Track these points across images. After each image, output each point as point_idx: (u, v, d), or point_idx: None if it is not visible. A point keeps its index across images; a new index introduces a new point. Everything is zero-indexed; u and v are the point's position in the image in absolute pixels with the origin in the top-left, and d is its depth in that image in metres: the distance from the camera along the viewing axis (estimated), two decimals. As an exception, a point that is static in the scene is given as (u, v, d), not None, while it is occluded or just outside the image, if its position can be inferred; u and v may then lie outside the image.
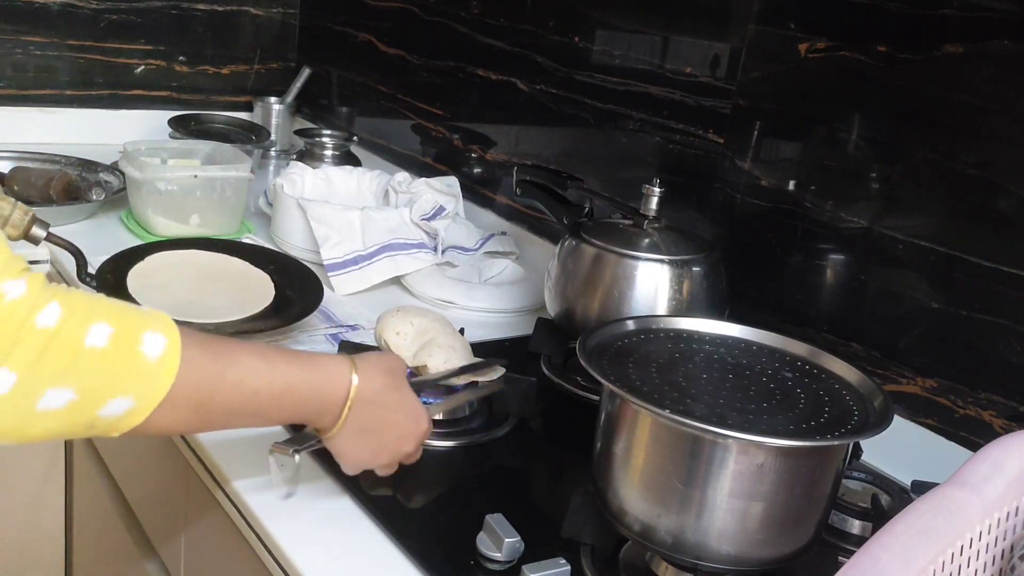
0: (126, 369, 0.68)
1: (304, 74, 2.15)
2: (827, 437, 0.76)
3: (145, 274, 1.26)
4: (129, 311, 0.70)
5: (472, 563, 0.85)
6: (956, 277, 1.05)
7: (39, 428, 0.66)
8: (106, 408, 0.68)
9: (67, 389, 0.65)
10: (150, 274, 1.27)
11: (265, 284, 1.31)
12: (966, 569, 0.65)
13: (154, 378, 0.69)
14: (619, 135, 1.46)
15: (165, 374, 0.70)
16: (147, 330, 0.69)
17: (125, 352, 0.68)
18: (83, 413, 0.67)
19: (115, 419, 0.69)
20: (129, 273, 1.25)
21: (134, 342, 0.68)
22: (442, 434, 1.06)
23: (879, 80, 1.11)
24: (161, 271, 1.28)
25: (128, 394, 0.68)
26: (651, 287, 1.14)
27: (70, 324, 0.65)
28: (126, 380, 0.68)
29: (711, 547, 0.78)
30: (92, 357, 0.66)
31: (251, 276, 1.33)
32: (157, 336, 0.70)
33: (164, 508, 1.21)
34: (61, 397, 0.65)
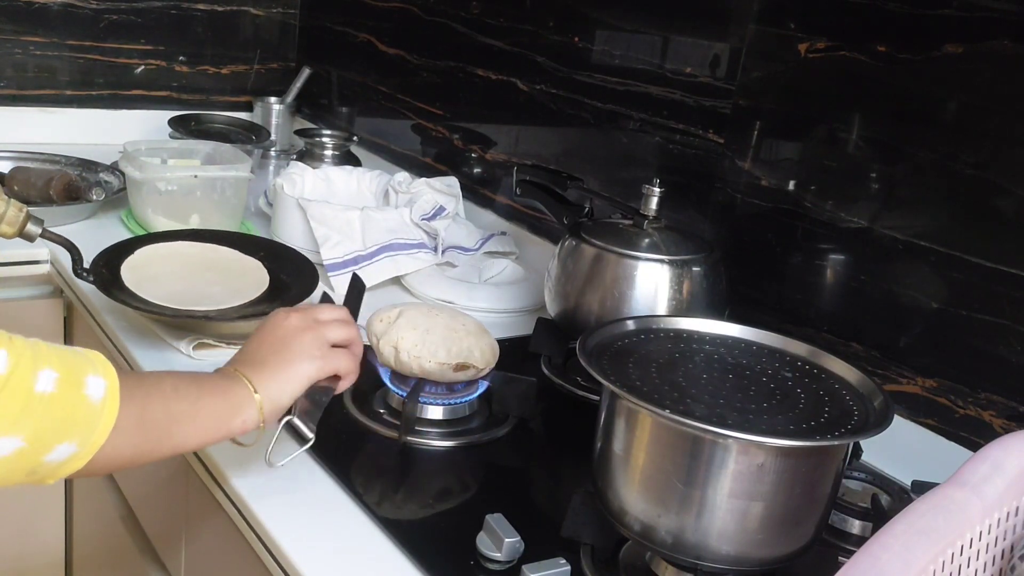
0: (72, 413, 0.68)
1: (304, 74, 2.15)
2: (827, 437, 0.76)
3: (138, 266, 1.26)
4: (69, 355, 0.70)
5: (472, 563, 0.85)
6: (956, 277, 1.05)
7: None
8: (52, 454, 0.68)
9: (16, 437, 0.65)
10: (143, 266, 1.27)
11: (258, 270, 1.32)
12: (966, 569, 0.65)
13: (97, 421, 0.69)
14: (619, 135, 1.46)
15: (107, 415, 0.70)
16: (89, 373, 0.70)
17: (71, 396, 0.68)
18: (29, 460, 0.67)
19: (57, 465, 0.69)
20: (122, 266, 1.25)
21: (79, 386, 0.68)
22: (442, 434, 1.06)
23: (879, 80, 1.11)
24: (154, 263, 1.29)
25: (73, 439, 0.68)
26: (651, 287, 1.14)
27: (19, 370, 0.65)
28: (72, 425, 0.68)
29: (711, 547, 0.78)
30: (42, 403, 0.66)
31: (243, 263, 1.33)
32: (98, 379, 0.70)
33: (164, 509, 1.21)
34: (9, 445, 0.65)
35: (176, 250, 1.34)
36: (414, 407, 1.04)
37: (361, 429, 1.06)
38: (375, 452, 1.04)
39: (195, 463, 1.02)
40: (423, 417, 1.07)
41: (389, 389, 1.09)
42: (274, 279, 1.30)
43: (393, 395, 1.09)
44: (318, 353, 0.88)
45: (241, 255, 1.35)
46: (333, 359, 0.90)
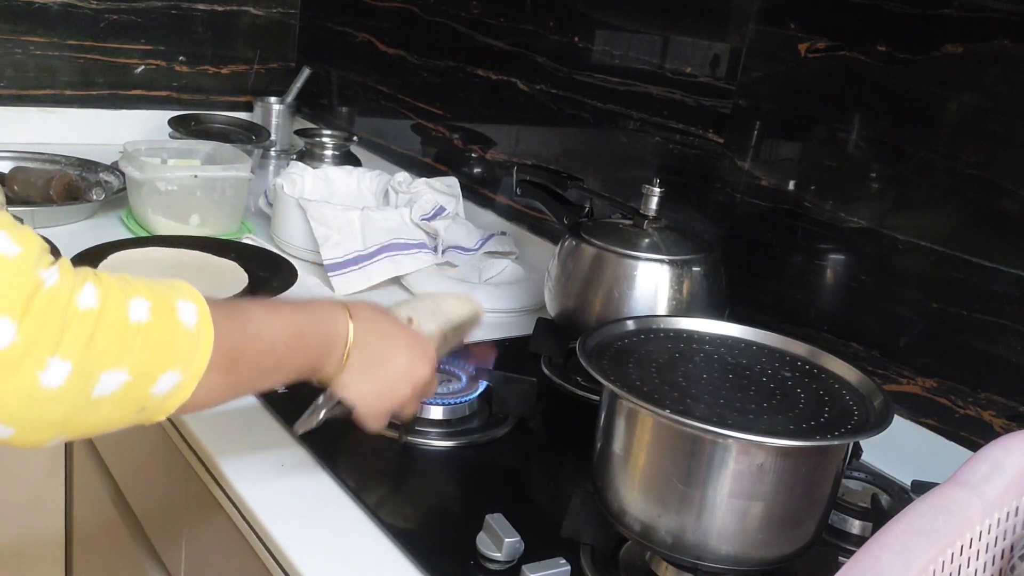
0: (171, 341, 0.66)
1: (304, 74, 2.15)
2: (827, 437, 0.76)
3: (116, 269, 1.27)
4: (156, 283, 0.69)
5: (472, 563, 0.85)
6: (956, 277, 1.05)
7: (93, 418, 0.64)
8: (157, 385, 0.66)
9: (120, 371, 0.64)
10: (120, 269, 1.27)
11: (234, 269, 1.33)
12: (966, 569, 0.65)
13: (196, 346, 0.68)
14: (619, 135, 1.46)
15: (204, 341, 0.69)
16: (179, 299, 0.68)
17: (166, 323, 0.66)
18: (136, 393, 0.65)
19: (165, 396, 0.67)
20: (99, 268, 1.26)
21: (172, 312, 0.67)
22: (442, 434, 1.06)
23: (879, 80, 1.11)
24: (129, 267, 1.29)
25: (176, 367, 0.67)
26: (651, 287, 1.14)
27: (111, 302, 0.63)
28: (172, 352, 0.67)
29: (711, 547, 0.78)
30: (139, 332, 0.64)
31: (216, 264, 1.34)
32: (189, 304, 0.69)
33: (164, 508, 1.21)
34: (115, 380, 0.63)
35: (149, 255, 1.35)
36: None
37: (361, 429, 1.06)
38: (375, 452, 1.03)
39: (195, 464, 1.02)
40: (423, 417, 1.07)
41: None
42: (252, 276, 1.31)
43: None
44: (405, 393, 0.88)
45: (214, 256, 1.36)
46: (407, 407, 0.90)
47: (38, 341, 0.59)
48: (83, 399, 0.62)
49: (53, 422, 0.62)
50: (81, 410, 0.63)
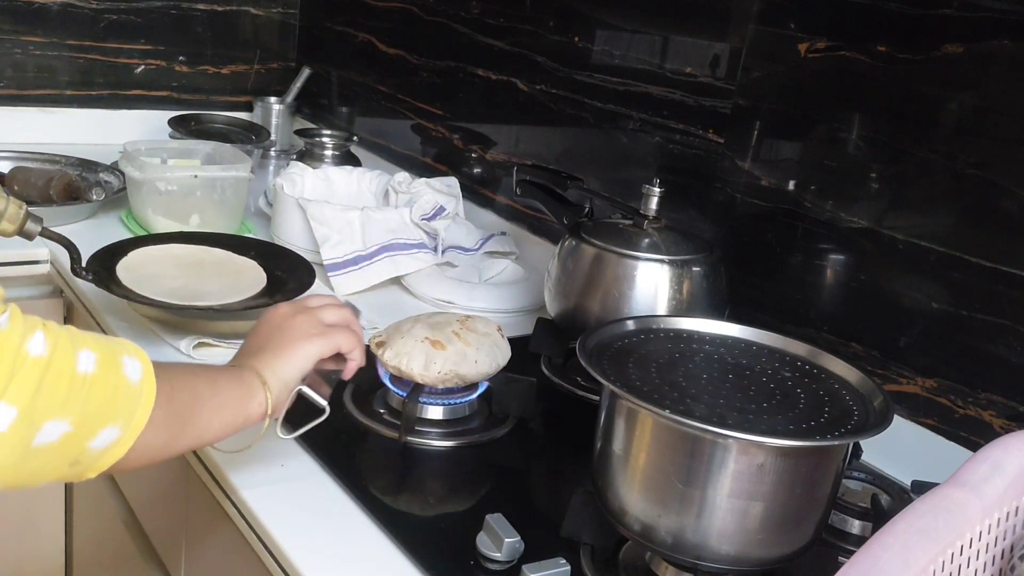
0: (114, 395, 0.67)
1: (304, 74, 2.15)
2: (827, 437, 0.76)
3: (133, 267, 1.27)
4: (101, 337, 0.69)
5: (472, 563, 0.85)
6: (956, 277, 1.05)
7: (27, 467, 0.63)
8: (96, 439, 0.66)
9: (64, 421, 0.63)
10: (138, 266, 1.27)
11: (253, 268, 1.33)
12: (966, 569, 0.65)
13: (138, 402, 0.68)
14: (619, 135, 1.46)
15: (147, 397, 0.69)
16: (124, 355, 0.69)
17: (112, 377, 0.67)
18: (74, 446, 0.65)
19: (101, 451, 0.67)
20: (117, 267, 1.25)
21: (117, 366, 0.68)
22: (442, 434, 1.06)
23: (879, 80, 1.11)
24: (148, 264, 1.29)
25: (116, 422, 0.67)
26: (651, 287, 1.14)
27: (60, 351, 0.63)
28: (115, 406, 0.67)
29: (711, 547, 0.78)
30: (85, 384, 0.65)
31: (237, 263, 1.34)
32: (133, 360, 0.70)
33: (165, 511, 1.21)
34: (57, 430, 0.63)
35: (169, 251, 1.34)
36: (414, 407, 1.04)
37: (361, 429, 1.06)
38: (375, 452, 1.04)
39: (196, 464, 1.02)
40: (423, 417, 1.07)
41: (389, 389, 1.09)
42: (270, 276, 1.31)
43: (393, 395, 1.09)
44: (315, 331, 0.88)
45: (234, 255, 1.35)
46: (333, 336, 0.89)
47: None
48: (23, 447, 0.62)
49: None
50: (19, 458, 0.62)
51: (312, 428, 0.90)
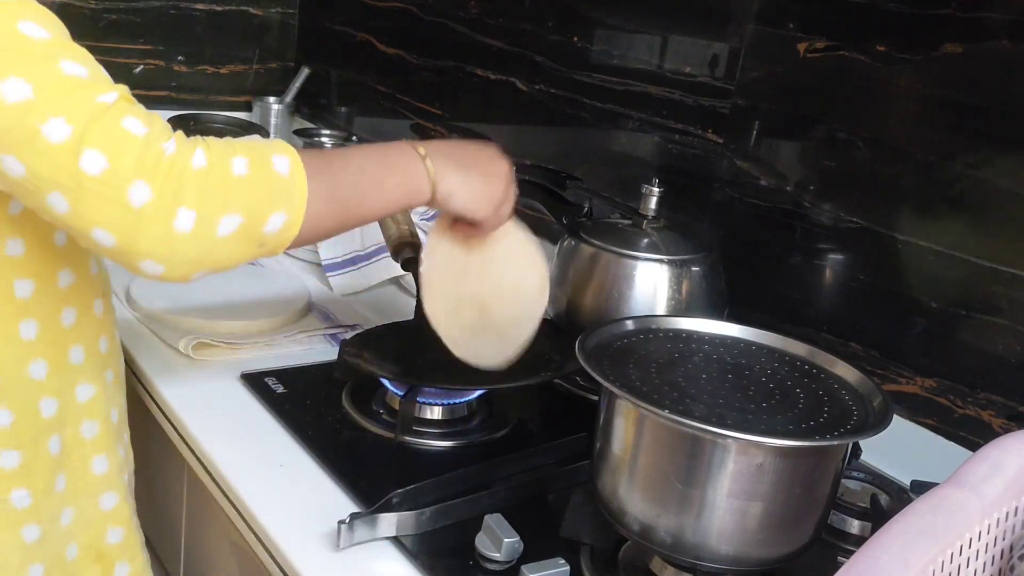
0: (269, 187, 0.79)
1: (303, 74, 2.15)
2: (826, 437, 0.76)
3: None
4: (253, 143, 0.82)
5: (471, 563, 0.85)
6: (956, 277, 1.05)
7: (223, 252, 0.78)
8: (268, 224, 0.79)
9: (235, 215, 0.77)
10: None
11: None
12: (965, 569, 0.65)
13: (292, 189, 0.80)
14: (618, 135, 1.46)
15: (299, 183, 0.80)
16: (273, 154, 0.80)
17: (263, 174, 0.79)
18: (253, 232, 0.78)
19: (278, 233, 0.80)
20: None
21: (268, 164, 0.79)
22: (442, 434, 1.06)
23: (879, 80, 1.11)
24: None
25: (280, 208, 0.79)
26: (650, 287, 1.14)
27: (217, 162, 0.77)
28: (274, 196, 0.79)
29: (710, 547, 0.78)
30: (242, 183, 0.77)
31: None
32: (282, 157, 0.80)
33: (163, 508, 1.21)
34: (232, 222, 0.77)
35: None
36: (411, 407, 1.04)
37: (360, 429, 1.06)
38: (374, 452, 1.04)
39: (195, 464, 1.02)
40: (422, 417, 1.07)
41: (388, 389, 1.09)
42: None
43: (392, 395, 1.09)
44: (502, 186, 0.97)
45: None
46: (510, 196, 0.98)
47: (167, 196, 0.74)
48: (210, 239, 0.76)
49: (191, 258, 0.77)
50: (211, 247, 0.77)
51: None
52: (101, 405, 0.96)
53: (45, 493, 0.91)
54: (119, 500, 0.99)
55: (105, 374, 0.96)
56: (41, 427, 0.90)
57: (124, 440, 1.02)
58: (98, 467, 0.96)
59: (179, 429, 1.05)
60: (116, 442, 0.99)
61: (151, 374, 1.12)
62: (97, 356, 0.95)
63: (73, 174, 0.73)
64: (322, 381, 1.13)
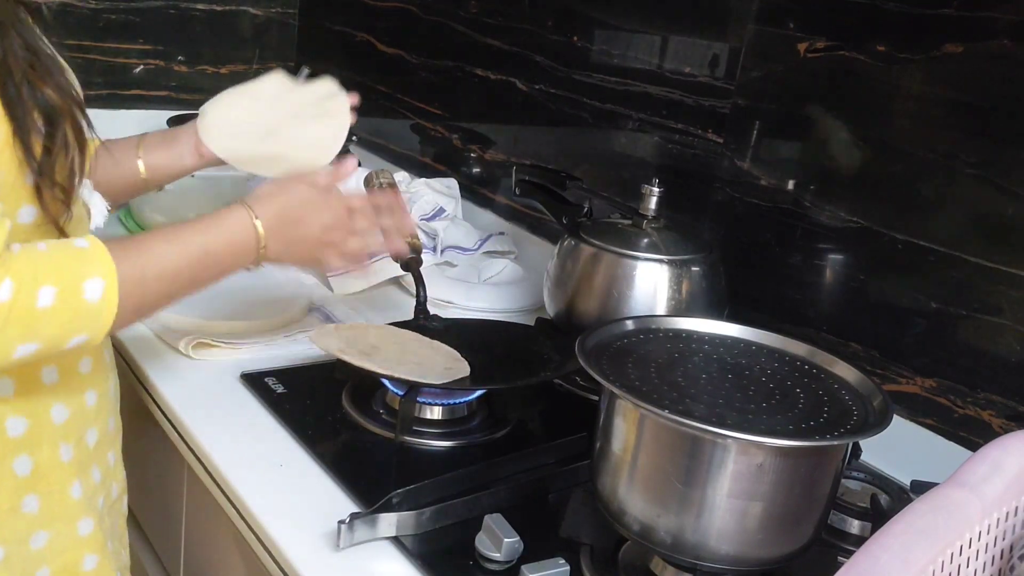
0: (76, 315, 0.78)
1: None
2: (826, 437, 0.76)
3: None
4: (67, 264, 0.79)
5: (471, 563, 0.85)
6: (956, 277, 1.05)
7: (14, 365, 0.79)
8: (69, 344, 0.79)
9: (32, 343, 0.77)
10: None
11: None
12: (965, 569, 0.65)
13: (99, 315, 0.80)
14: (618, 135, 1.46)
15: (108, 308, 0.80)
16: (86, 279, 0.79)
17: (71, 303, 0.78)
18: (50, 354, 0.79)
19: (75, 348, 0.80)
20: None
21: (78, 292, 0.78)
22: (442, 434, 1.06)
23: (878, 80, 1.11)
24: None
25: (82, 333, 0.80)
26: (650, 287, 1.14)
27: (21, 294, 0.75)
28: (78, 324, 0.79)
29: (710, 547, 0.78)
30: (46, 315, 0.77)
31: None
32: (95, 281, 0.79)
33: (163, 508, 1.21)
34: (30, 348, 0.77)
35: None
36: (411, 407, 1.04)
37: (360, 429, 1.06)
38: (373, 452, 1.04)
39: (195, 464, 1.02)
40: (422, 417, 1.07)
41: (388, 389, 1.09)
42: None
43: (392, 395, 1.09)
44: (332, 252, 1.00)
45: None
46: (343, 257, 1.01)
47: None
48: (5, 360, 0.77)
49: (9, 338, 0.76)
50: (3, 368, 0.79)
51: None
52: (76, 427, 0.91)
53: (10, 513, 0.87)
54: (94, 526, 0.93)
55: (85, 395, 0.92)
56: (8, 447, 0.86)
57: (107, 461, 0.96)
58: (75, 492, 0.91)
59: (179, 429, 1.05)
60: (91, 466, 0.93)
61: (151, 374, 1.12)
62: (75, 376, 0.90)
63: None
64: (322, 381, 1.12)
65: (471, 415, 1.10)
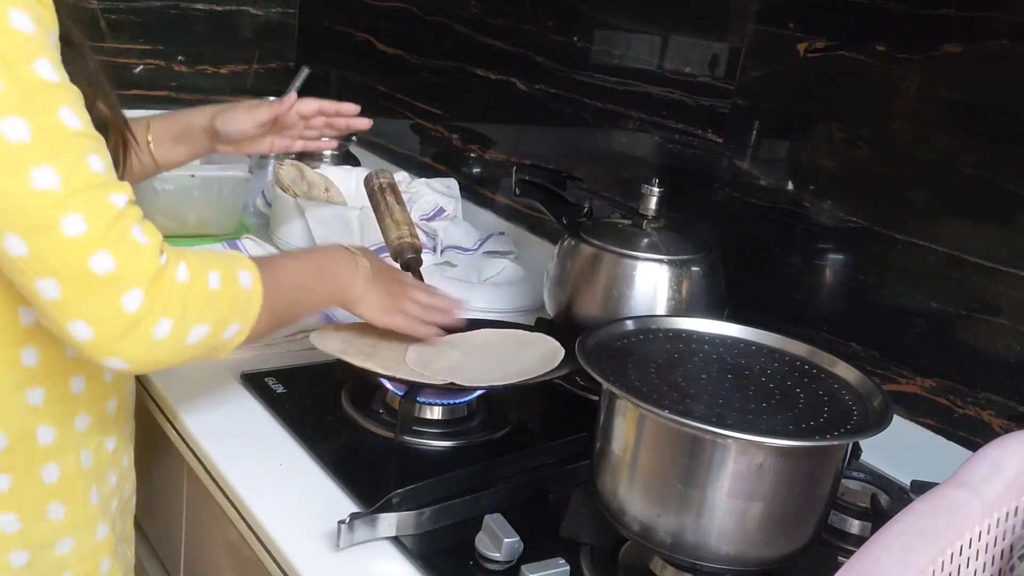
0: (235, 300, 0.86)
1: (303, 74, 2.15)
2: (826, 437, 0.76)
3: None
4: (222, 257, 0.89)
5: (471, 563, 0.85)
6: (956, 277, 1.05)
7: (182, 357, 0.84)
8: (227, 333, 0.86)
9: (205, 325, 0.83)
10: None
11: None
12: (965, 569, 0.65)
13: (250, 303, 0.88)
14: (619, 135, 1.46)
15: (256, 297, 0.88)
16: (239, 269, 0.88)
17: (232, 288, 0.86)
18: (214, 340, 0.85)
19: (229, 340, 0.87)
20: None
21: (235, 279, 0.87)
22: (442, 434, 1.06)
23: (878, 80, 1.11)
24: None
25: (238, 320, 0.87)
26: (650, 287, 1.14)
27: (196, 276, 0.83)
28: (236, 309, 0.87)
29: (710, 547, 0.78)
30: (214, 296, 0.84)
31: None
32: (245, 272, 0.88)
33: (163, 508, 1.21)
34: (201, 332, 0.83)
35: None
36: (411, 407, 1.04)
37: (360, 429, 1.06)
38: (373, 452, 1.04)
39: (195, 464, 1.02)
40: (422, 417, 1.07)
41: (388, 389, 1.09)
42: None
43: (392, 395, 1.09)
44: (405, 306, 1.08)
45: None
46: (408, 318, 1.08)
47: (156, 305, 0.79)
48: (179, 346, 0.82)
49: (156, 361, 0.82)
50: (177, 353, 0.83)
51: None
52: (97, 434, 0.94)
53: (36, 519, 0.90)
54: (108, 531, 0.97)
55: (107, 403, 0.95)
56: (37, 455, 0.89)
57: (122, 464, 1.00)
58: (94, 497, 0.94)
59: (179, 429, 1.05)
60: (108, 471, 0.97)
61: (151, 374, 1.12)
62: (100, 384, 0.93)
63: (79, 270, 0.76)
64: (322, 381, 1.12)
65: (471, 415, 1.10)
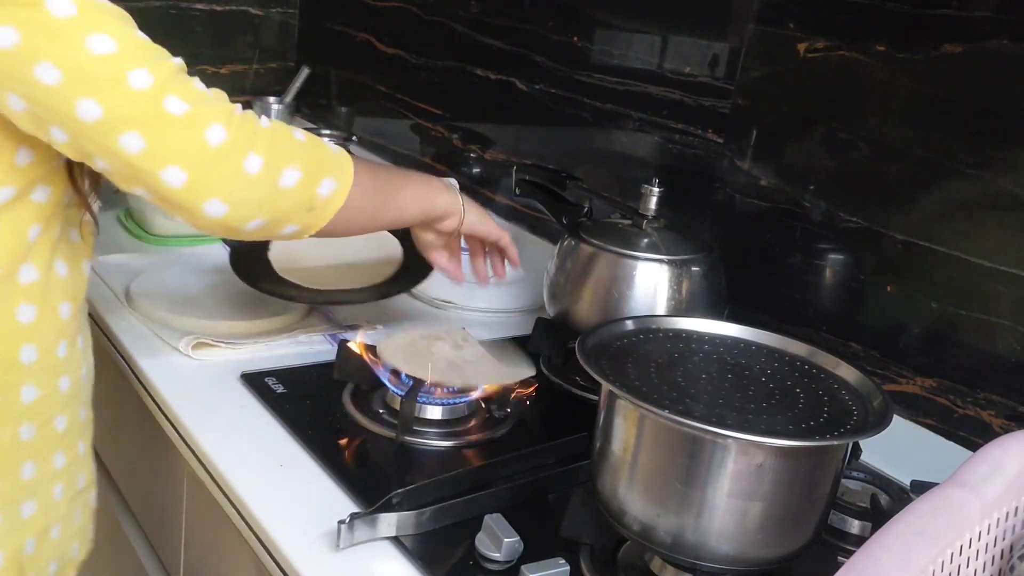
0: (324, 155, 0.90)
1: (303, 74, 2.15)
2: (826, 437, 0.76)
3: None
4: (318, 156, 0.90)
5: (471, 563, 0.85)
6: (956, 277, 1.05)
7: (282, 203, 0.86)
8: (321, 187, 0.88)
9: (296, 168, 0.86)
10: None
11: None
12: (965, 569, 0.65)
13: (342, 162, 0.91)
14: (619, 135, 1.46)
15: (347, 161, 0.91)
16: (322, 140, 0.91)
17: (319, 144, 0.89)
18: (307, 191, 0.87)
19: (327, 199, 0.89)
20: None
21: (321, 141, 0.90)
22: (441, 434, 1.06)
23: (878, 80, 1.11)
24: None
25: (331, 175, 0.89)
26: (650, 287, 1.14)
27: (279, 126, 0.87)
28: (327, 163, 0.89)
29: (710, 547, 0.78)
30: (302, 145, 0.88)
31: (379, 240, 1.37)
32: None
33: (163, 508, 1.21)
34: (293, 175, 0.85)
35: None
36: (411, 407, 1.04)
37: (360, 429, 1.06)
38: (373, 452, 1.03)
39: (195, 464, 1.02)
40: (422, 417, 1.07)
41: (388, 389, 1.09)
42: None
43: (392, 395, 1.09)
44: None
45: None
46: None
47: (241, 139, 0.82)
48: (273, 186, 0.84)
49: (254, 201, 0.84)
50: (272, 194, 0.85)
51: None
52: (45, 410, 0.91)
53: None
54: (36, 510, 0.93)
55: (59, 380, 0.92)
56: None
57: (76, 450, 0.97)
58: (25, 473, 0.92)
59: (179, 429, 1.05)
60: (55, 451, 0.94)
61: (151, 374, 1.12)
62: (52, 359, 0.91)
63: (157, 113, 0.78)
64: (322, 381, 1.12)
65: (471, 415, 1.10)
